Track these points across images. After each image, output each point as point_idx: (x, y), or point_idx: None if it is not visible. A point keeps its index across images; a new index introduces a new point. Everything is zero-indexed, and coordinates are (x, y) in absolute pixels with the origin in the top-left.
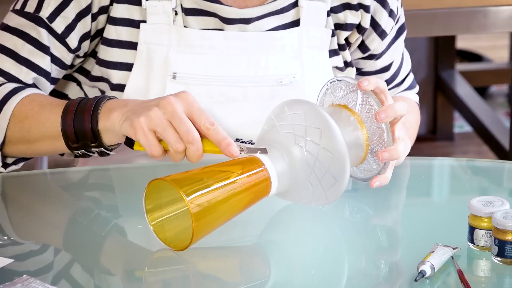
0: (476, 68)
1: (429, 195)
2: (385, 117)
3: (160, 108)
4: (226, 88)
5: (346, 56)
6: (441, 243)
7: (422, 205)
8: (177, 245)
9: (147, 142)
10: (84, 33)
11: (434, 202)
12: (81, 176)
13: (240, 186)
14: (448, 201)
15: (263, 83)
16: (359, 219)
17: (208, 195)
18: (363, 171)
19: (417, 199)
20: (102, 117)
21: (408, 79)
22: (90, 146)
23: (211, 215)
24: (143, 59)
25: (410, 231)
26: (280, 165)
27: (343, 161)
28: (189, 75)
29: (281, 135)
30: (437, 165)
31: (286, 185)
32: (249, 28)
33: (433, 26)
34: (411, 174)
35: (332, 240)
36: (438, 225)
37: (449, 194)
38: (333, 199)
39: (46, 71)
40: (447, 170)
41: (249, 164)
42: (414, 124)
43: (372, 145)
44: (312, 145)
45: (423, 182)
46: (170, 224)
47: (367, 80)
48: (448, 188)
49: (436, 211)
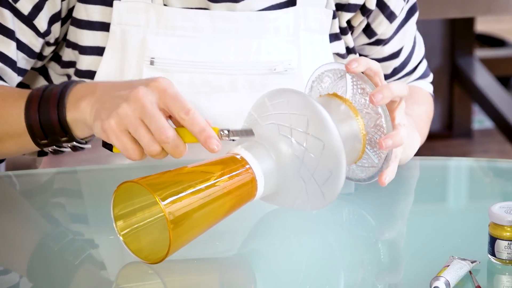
0: (498, 55)
1: (443, 200)
2: (381, 99)
3: (129, 104)
4: (212, 76)
5: (348, 41)
6: (458, 255)
7: (436, 212)
8: (152, 258)
9: (122, 146)
10: (54, 13)
11: (449, 209)
12: (44, 180)
13: (222, 189)
14: (465, 208)
15: (254, 71)
16: (359, 227)
17: (186, 200)
18: (364, 169)
19: (429, 206)
20: (70, 106)
21: (420, 67)
22: (60, 141)
23: (190, 222)
24: (116, 42)
25: (421, 243)
26: (267, 162)
27: (336, 149)
28: (169, 61)
29: (264, 128)
30: (453, 166)
31: (274, 185)
32: (239, 8)
33: (449, 7)
34: (423, 176)
35: (327, 252)
36: (454, 236)
37: (466, 199)
38: (332, 196)
39: (12, 59)
40: (465, 172)
41: (231, 163)
42: (425, 118)
43: (370, 134)
44: (299, 134)
45: (437, 185)
46: (143, 234)
47: (356, 62)
48: (466, 193)
49: (452, 219)
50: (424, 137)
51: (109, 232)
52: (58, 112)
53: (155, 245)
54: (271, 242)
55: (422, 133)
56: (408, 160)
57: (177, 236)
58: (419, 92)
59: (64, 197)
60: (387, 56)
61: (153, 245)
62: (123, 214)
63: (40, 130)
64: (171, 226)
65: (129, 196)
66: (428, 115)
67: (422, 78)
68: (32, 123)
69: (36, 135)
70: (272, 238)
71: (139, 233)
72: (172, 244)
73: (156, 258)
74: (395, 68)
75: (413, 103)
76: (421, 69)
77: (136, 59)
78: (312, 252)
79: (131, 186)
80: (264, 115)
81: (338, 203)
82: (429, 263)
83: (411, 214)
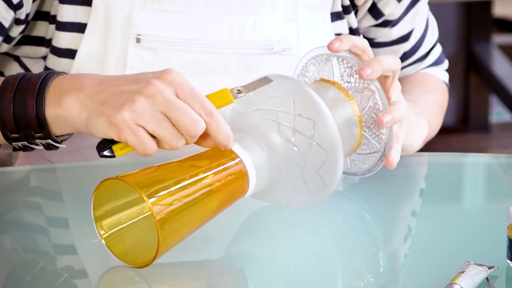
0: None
1: (458, 201)
2: (371, 72)
3: (147, 98)
4: (203, 56)
5: (352, 21)
6: (474, 261)
7: (449, 213)
8: (138, 262)
9: (138, 141)
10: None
11: (465, 210)
12: (19, 177)
13: (212, 185)
14: (482, 209)
15: (249, 50)
16: (361, 230)
17: (174, 197)
18: (366, 157)
19: (442, 206)
20: (51, 101)
21: (434, 53)
22: (34, 137)
23: (179, 221)
24: (99, 18)
25: (434, 247)
26: (257, 153)
27: (328, 125)
28: (156, 38)
29: (248, 117)
30: (468, 163)
31: (267, 177)
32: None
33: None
34: (435, 174)
35: (324, 257)
36: (470, 239)
37: (483, 199)
38: (332, 182)
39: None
40: (482, 169)
41: (220, 156)
42: (436, 107)
43: (366, 115)
44: (286, 116)
45: (451, 184)
46: (128, 236)
47: (338, 40)
48: (483, 192)
49: (467, 221)
50: (436, 127)
51: (90, 235)
52: (36, 106)
53: (141, 247)
54: (264, 244)
55: (433, 123)
56: (414, 150)
57: (166, 237)
58: (431, 79)
59: (40, 196)
60: (396, 39)
61: (138, 247)
62: (104, 214)
63: (12, 123)
64: (160, 226)
65: (111, 195)
66: (441, 105)
67: (435, 65)
68: (4, 114)
69: (7, 128)
70: (265, 240)
71: (123, 235)
72: (161, 245)
73: (142, 262)
74: (405, 53)
75: (422, 91)
76: (434, 55)
77: (121, 37)
78: (308, 257)
79: (113, 184)
80: (246, 104)
81: (338, 203)
82: (442, 269)
83: (422, 216)
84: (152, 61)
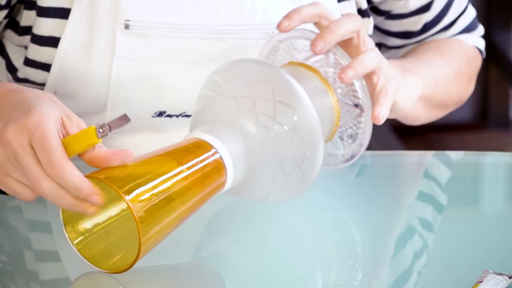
0: None
1: (475, 204)
2: (324, 46)
3: (2, 147)
4: (198, 42)
5: (360, 1)
6: (493, 270)
7: (466, 218)
8: (114, 266)
9: (12, 192)
10: None
11: (483, 214)
12: None
13: (189, 179)
14: (502, 213)
15: (249, 35)
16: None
17: (153, 193)
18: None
19: (458, 210)
20: None
21: (463, 19)
22: None
23: (159, 218)
24: (84, 3)
25: (450, 254)
26: (233, 144)
27: (309, 114)
28: (147, 24)
29: (220, 105)
30: (488, 163)
31: (244, 170)
32: None
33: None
34: (451, 175)
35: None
36: (488, 246)
37: (504, 203)
38: (312, 174)
39: None
40: (502, 169)
41: (195, 149)
42: (447, 72)
43: (337, 84)
44: (265, 104)
45: (468, 186)
46: (102, 238)
47: (286, 19)
48: (503, 195)
49: (486, 227)
50: (448, 95)
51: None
52: None
53: (115, 251)
54: (236, 243)
55: (442, 90)
56: (402, 111)
57: (147, 236)
58: (453, 44)
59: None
60: (415, 10)
61: (113, 251)
62: (74, 217)
63: None
64: (141, 223)
65: None
66: (459, 71)
67: (466, 31)
68: None
69: None
70: (236, 239)
71: (97, 238)
72: (143, 245)
73: (119, 266)
74: (426, 24)
75: (433, 55)
76: (463, 21)
77: (108, 23)
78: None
79: None
80: (218, 91)
81: (340, 206)
82: (459, 279)
83: (437, 221)
84: (142, 49)
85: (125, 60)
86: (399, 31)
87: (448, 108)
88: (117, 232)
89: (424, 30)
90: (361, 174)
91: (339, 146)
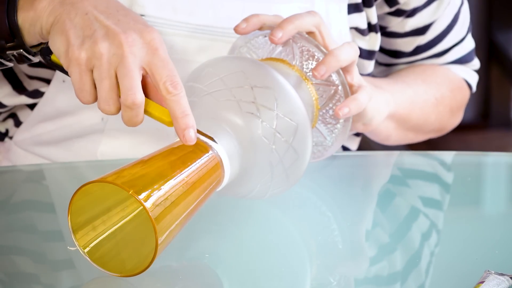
0: None
1: (477, 204)
2: (325, 72)
3: (110, 45)
4: (210, 44)
5: (371, 15)
6: (494, 270)
7: (468, 218)
8: (124, 269)
9: (79, 85)
10: None
11: (485, 214)
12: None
13: (194, 178)
14: (504, 213)
15: None
16: (365, 236)
17: (163, 192)
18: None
19: (460, 210)
20: (24, 4)
21: (457, 49)
22: (5, 48)
23: (171, 219)
24: None
25: (451, 255)
26: (226, 140)
27: (306, 128)
28: (162, 21)
29: (219, 104)
30: (489, 163)
31: (236, 171)
32: None
33: None
34: (453, 175)
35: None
36: (490, 246)
37: (505, 203)
38: (295, 179)
39: None
40: (504, 169)
41: (195, 149)
42: (428, 97)
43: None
44: (267, 113)
45: (469, 186)
46: (112, 242)
47: (244, 21)
48: (505, 195)
49: (487, 227)
50: (424, 120)
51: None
52: (7, 11)
53: (123, 255)
54: (232, 242)
55: (419, 113)
56: (367, 122)
57: (162, 237)
58: (439, 71)
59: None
60: (410, 31)
61: (120, 255)
62: (81, 223)
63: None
64: (157, 223)
65: (87, 203)
66: (440, 99)
67: (459, 63)
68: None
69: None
70: (232, 237)
71: (107, 243)
72: (159, 246)
73: (133, 269)
74: (419, 47)
75: (416, 79)
76: (458, 52)
77: None
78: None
79: (90, 189)
80: (196, 93)
81: (342, 207)
82: (460, 279)
83: (439, 221)
84: None
85: None
86: (390, 49)
87: (426, 133)
88: (126, 236)
89: (415, 53)
90: (360, 174)
91: (325, 133)
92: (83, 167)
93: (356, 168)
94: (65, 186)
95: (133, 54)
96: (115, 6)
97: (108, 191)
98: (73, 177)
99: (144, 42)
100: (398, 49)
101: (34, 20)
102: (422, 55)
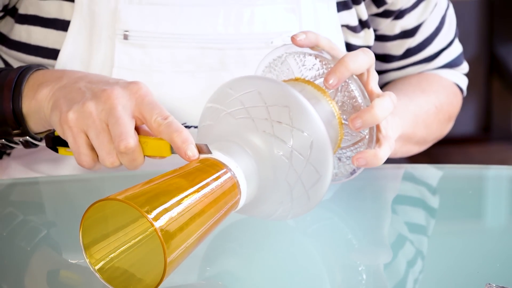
0: None
1: (478, 217)
2: (336, 81)
3: (97, 102)
4: (197, 52)
5: (361, 12)
6: (496, 283)
7: (469, 231)
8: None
9: (75, 148)
10: None
11: (486, 228)
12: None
13: (207, 199)
14: (505, 226)
15: (248, 44)
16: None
17: (174, 212)
18: (351, 152)
19: (461, 224)
20: (28, 94)
21: (447, 53)
22: (11, 134)
23: (181, 238)
24: (83, 14)
25: (452, 268)
26: (246, 165)
27: (324, 142)
28: (146, 34)
29: (236, 124)
30: (490, 176)
31: (254, 191)
32: None
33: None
34: (454, 188)
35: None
36: (491, 259)
37: (506, 216)
38: (317, 199)
39: None
40: (505, 183)
41: (210, 169)
42: (429, 107)
43: (344, 107)
44: (282, 129)
45: (471, 199)
46: (123, 261)
47: (304, 33)
48: (506, 208)
49: (489, 240)
50: (428, 130)
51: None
52: (13, 100)
53: (135, 273)
54: (243, 261)
55: (423, 126)
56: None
57: (172, 256)
58: (433, 79)
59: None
60: (399, 33)
61: (132, 274)
62: (93, 241)
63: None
64: (166, 242)
65: (99, 219)
66: (440, 106)
67: (449, 67)
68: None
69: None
70: (242, 257)
71: (118, 261)
72: (168, 266)
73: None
74: (409, 50)
75: (415, 91)
76: (447, 56)
77: (107, 33)
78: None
79: (103, 206)
80: (213, 115)
81: (338, 220)
82: None
83: (440, 234)
84: (141, 59)
85: (124, 70)
86: (381, 53)
87: (427, 143)
88: (137, 255)
89: (406, 56)
90: (362, 187)
91: (335, 165)
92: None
93: (354, 181)
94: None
95: (122, 104)
96: (103, 77)
97: (120, 208)
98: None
99: (131, 93)
100: (388, 53)
101: (37, 108)
102: (413, 59)
